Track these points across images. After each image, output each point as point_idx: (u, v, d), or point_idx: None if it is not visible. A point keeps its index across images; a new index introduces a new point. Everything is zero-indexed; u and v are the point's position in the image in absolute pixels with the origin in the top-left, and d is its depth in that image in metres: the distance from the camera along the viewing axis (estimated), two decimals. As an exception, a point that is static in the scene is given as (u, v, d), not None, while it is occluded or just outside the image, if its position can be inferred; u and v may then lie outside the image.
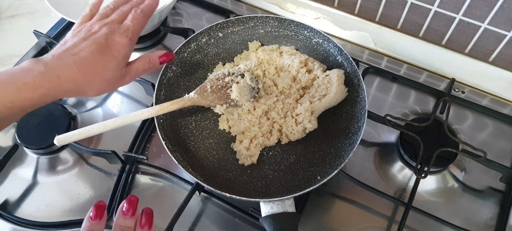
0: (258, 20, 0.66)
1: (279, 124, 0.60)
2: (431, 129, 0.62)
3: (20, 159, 0.64)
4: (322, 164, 0.57)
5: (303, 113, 0.58)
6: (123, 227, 0.39)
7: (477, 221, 0.58)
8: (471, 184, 0.61)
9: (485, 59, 0.69)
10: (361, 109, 0.57)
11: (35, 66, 0.42)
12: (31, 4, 0.86)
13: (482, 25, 0.64)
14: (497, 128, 0.67)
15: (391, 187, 0.61)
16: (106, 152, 0.60)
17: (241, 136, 0.60)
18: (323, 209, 0.59)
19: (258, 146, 0.59)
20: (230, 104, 0.58)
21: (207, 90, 0.58)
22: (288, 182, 0.57)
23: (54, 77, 0.43)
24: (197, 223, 0.58)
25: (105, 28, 0.47)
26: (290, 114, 0.60)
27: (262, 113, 0.60)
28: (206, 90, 0.58)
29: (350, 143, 0.56)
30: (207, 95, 0.58)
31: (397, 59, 0.76)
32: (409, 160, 0.61)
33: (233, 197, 0.49)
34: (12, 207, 0.59)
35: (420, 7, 0.68)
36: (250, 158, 0.58)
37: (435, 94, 0.70)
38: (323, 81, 0.61)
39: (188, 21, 0.82)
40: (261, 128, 0.59)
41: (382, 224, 0.58)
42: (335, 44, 0.62)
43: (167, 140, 0.54)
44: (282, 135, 0.60)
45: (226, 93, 0.58)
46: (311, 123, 0.58)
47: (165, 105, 0.55)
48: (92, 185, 0.61)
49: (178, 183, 0.61)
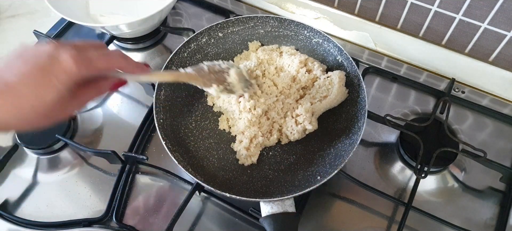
0: (258, 20, 0.66)
1: (279, 124, 0.60)
2: (431, 129, 0.62)
3: (20, 159, 0.64)
4: (322, 164, 0.57)
5: (304, 114, 0.58)
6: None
7: (477, 221, 0.58)
8: (471, 184, 0.61)
9: (485, 59, 0.69)
10: (361, 109, 0.57)
11: None
12: (31, 4, 0.86)
13: (482, 25, 0.64)
14: (497, 128, 0.67)
15: (391, 187, 0.61)
16: (106, 152, 0.60)
17: (241, 135, 0.60)
18: (323, 209, 0.59)
19: (258, 146, 0.59)
20: (226, 87, 0.56)
21: (204, 69, 0.54)
22: (288, 182, 0.57)
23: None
24: (197, 223, 0.58)
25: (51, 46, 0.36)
26: (290, 115, 0.60)
27: (262, 113, 0.60)
28: (203, 69, 0.54)
29: (350, 143, 0.55)
30: (204, 73, 0.54)
31: (397, 59, 0.76)
32: (409, 160, 0.61)
33: (233, 197, 0.49)
34: (12, 207, 0.59)
35: (420, 7, 0.68)
36: (250, 158, 0.58)
37: (435, 94, 0.70)
38: (324, 82, 0.61)
39: (188, 21, 0.82)
40: (261, 128, 0.59)
41: (382, 224, 0.58)
42: (335, 44, 0.62)
43: (167, 140, 0.54)
44: (282, 135, 0.60)
45: (223, 77, 0.56)
46: (311, 124, 0.58)
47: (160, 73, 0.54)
48: (92, 185, 0.61)
49: (178, 183, 0.61)
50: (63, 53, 0.36)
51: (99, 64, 0.39)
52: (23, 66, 0.35)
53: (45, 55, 0.36)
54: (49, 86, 0.35)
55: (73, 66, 0.36)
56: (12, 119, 0.35)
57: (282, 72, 0.64)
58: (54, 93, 0.35)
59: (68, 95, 0.37)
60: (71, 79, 0.36)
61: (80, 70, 0.36)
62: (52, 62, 0.35)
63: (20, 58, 0.35)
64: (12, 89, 0.34)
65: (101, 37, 0.79)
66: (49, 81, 0.35)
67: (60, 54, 0.36)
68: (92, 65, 0.38)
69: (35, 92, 0.35)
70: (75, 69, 0.36)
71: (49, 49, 0.36)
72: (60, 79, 0.36)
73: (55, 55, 0.36)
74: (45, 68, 0.35)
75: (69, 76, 0.36)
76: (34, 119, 0.36)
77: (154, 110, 0.56)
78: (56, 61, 0.35)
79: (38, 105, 0.35)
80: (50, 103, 0.36)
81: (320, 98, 0.60)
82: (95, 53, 0.39)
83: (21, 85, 0.34)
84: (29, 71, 0.34)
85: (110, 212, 0.58)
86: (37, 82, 0.35)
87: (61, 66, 0.35)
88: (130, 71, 0.43)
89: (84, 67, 0.37)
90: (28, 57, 0.36)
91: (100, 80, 0.42)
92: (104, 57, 0.39)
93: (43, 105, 0.35)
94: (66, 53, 0.36)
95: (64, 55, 0.36)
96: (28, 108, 0.35)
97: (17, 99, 0.34)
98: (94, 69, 0.38)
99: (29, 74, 0.34)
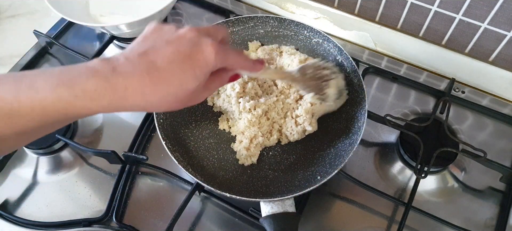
0: (258, 20, 0.66)
1: (279, 124, 0.60)
2: (431, 129, 0.62)
3: (20, 159, 0.64)
4: (322, 164, 0.57)
5: (304, 116, 0.58)
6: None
7: (477, 221, 0.58)
8: (471, 184, 0.61)
9: (485, 59, 0.69)
10: (361, 109, 0.57)
11: (100, 69, 0.34)
12: (31, 4, 0.86)
13: (482, 25, 0.64)
14: (497, 128, 0.67)
15: (391, 187, 0.61)
16: (106, 152, 0.60)
17: (241, 136, 0.60)
18: (323, 209, 0.59)
19: (258, 146, 0.59)
20: (321, 96, 0.57)
21: (308, 73, 0.55)
22: (288, 182, 0.57)
23: (120, 88, 0.34)
24: (197, 223, 0.58)
25: (193, 33, 0.38)
26: (290, 115, 0.60)
27: (262, 113, 0.60)
28: (307, 72, 0.55)
29: (350, 143, 0.56)
30: (306, 79, 0.55)
31: (397, 59, 0.76)
32: (409, 160, 0.61)
33: (233, 197, 0.49)
34: (12, 207, 0.59)
35: (420, 7, 0.68)
36: (250, 158, 0.58)
37: (435, 94, 0.70)
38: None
39: (188, 21, 0.82)
40: (261, 128, 0.59)
41: (382, 224, 0.58)
42: (335, 44, 0.62)
43: (167, 140, 0.54)
44: (282, 136, 0.60)
45: (322, 85, 0.57)
46: (311, 125, 0.58)
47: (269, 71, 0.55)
48: (92, 185, 0.61)
49: (178, 183, 0.61)
50: (205, 44, 0.37)
51: (231, 60, 0.40)
52: (170, 53, 0.36)
53: (190, 43, 0.37)
54: (192, 76, 0.37)
55: (213, 58, 0.37)
56: (156, 102, 0.36)
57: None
58: (195, 82, 0.37)
59: (204, 84, 0.39)
60: (209, 70, 0.38)
61: (217, 62, 0.38)
62: (196, 52, 0.37)
63: (166, 43, 0.37)
64: (162, 76, 0.35)
65: (101, 37, 0.80)
66: (192, 71, 0.37)
67: (202, 44, 0.37)
68: (227, 59, 0.39)
69: (179, 81, 0.36)
70: (214, 61, 0.37)
71: (192, 37, 0.37)
72: (202, 69, 0.37)
73: (198, 44, 0.37)
74: (190, 58, 0.36)
75: (209, 67, 0.38)
76: (173, 103, 0.38)
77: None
78: (200, 51, 0.37)
79: (180, 92, 0.37)
80: (190, 91, 0.37)
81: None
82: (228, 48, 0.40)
83: (169, 73, 0.35)
84: (176, 59, 0.36)
85: (110, 212, 0.58)
86: (182, 71, 0.36)
87: (203, 57, 0.37)
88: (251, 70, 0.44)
89: (220, 59, 0.38)
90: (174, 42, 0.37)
91: (222, 74, 0.43)
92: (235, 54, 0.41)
93: (184, 92, 0.37)
94: (208, 44, 0.37)
95: (207, 47, 0.37)
96: (172, 94, 0.36)
97: (165, 86, 0.36)
98: (227, 62, 0.40)
99: (177, 62, 0.36)
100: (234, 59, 0.41)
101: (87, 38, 0.80)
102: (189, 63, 0.36)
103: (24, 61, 0.74)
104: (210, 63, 0.37)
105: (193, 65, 0.36)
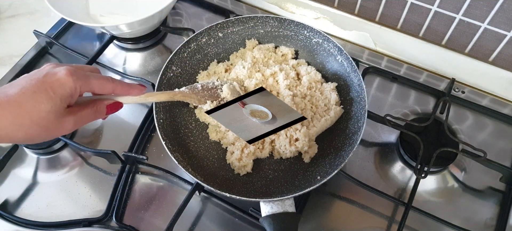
0: (258, 20, 0.66)
1: (271, 137, 0.59)
2: (431, 129, 0.62)
3: (20, 159, 0.64)
4: (322, 164, 0.57)
5: (303, 139, 0.57)
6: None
7: (477, 221, 0.58)
8: (471, 184, 0.61)
9: (485, 59, 0.69)
10: (361, 109, 0.57)
11: None
12: (31, 4, 0.86)
13: (482, 25, 0.64)
14: (497, 128, 0.67)
15: (391, 187, 0.61)
16: (106, 152, 0.60)
17: (231, 147, 0.59)
18: (323, 209, 0.59)
19: (250, 155, 0.58)
20: (219, 102, 0.59)
21: (197, 88, 0.58)
22: (288, 182, 0.57)
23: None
24: (197, 223, 0.58)
25: (51, 65, 0.41)
26: (284, 132, 0.58)
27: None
28: (197, 88, 0.58)
29: (350, 143, 0.55)
30: (198, 91, 0.58)
31: (397, 59, 0.76)
32: (409, 160, 0.61)
33: (233, 197, 0.49)
34: (12, 207, 0.59)
35: (420, 7, 0.68)
36: (244, 168, 0.57)
37: (435, 94, 0.70)
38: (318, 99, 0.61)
39: (188, 21, 0.82)
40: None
41: (382, 224, 0.58)
42: (335, 44, 0.62)
43: (167, 140, 0.54)
44: (274, 150, 0.60)
45: (216, 93, 0.59)
46: (311, 149, 0.58)
47: (155, 94, 0.54)
48: (92, 185, 0.61)
49: (178, 183, 0.61)
50: (60, 69, 0.40)
51: (94, 83, 0.42)
52: (23, 81, 0.38)
53: (44, 71, 0.39)
54: (46, 96, 0.38)
55: (68, 79, 0.39)
56: (12, 128, 0.37)
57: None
58: (49, 103, 0.38)
59: (64, 108, 0.40)
60: (66, 91, 0.39)
61: (75, 84, 0.40)
62: (50, 76, 0.39)
63: (22, 77, 0.39)
64: (11, 100, 0.37)
65: (101, 37, 0.80)
66: (45, 92, 0.38)
67: (57, 70, 0.39)
68: (87, 82, 0.41)
69: (32, 102, 0.37)
70: (70, 82, 0.39)
71: (48, 67, 0.40)
72: (56, 90, 0.38)
73: (52, 70, 0.39)
74: (42, 81, 0.38)
75: (64, 88, 0.39)
76: (32, 129, 0.38)
77: (154, 111, 0.56)
78: (53, 74, 0.39)
79: (35, 115, 0.38)
80: (46, 113, 0.38)
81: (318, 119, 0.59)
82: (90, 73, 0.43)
83: (20, 96, 0.37)
84: (28, 84, 0.38)
85: (110, 212, 0.58)
86: (34, 93, 0.37)
87: (57, 78, 0.39)
88: (125, 93, 0.46)
89: (79, 81, 0.40)
90: (29, 75, 0.39)
91: (97, 102, 0.45)
92: (99, 78, 0.43)
93: (40, 114, 0.38)
94: (62, 69, 0.39)
95: (61, 70, 0.39)
96: (26, 117, 0.37)
97: (16, 109, 0.37)
98: (89, 86, 0.42)
99: (28, 86, 0.38)
100: (100, 83, 0.43)
101: (87, 38, 0.80)
102: (42, 86, 0.38)
103: (24, 61, 0.75)
104: (65, 84, 0.39)
105: (46, 87, 0.38)
